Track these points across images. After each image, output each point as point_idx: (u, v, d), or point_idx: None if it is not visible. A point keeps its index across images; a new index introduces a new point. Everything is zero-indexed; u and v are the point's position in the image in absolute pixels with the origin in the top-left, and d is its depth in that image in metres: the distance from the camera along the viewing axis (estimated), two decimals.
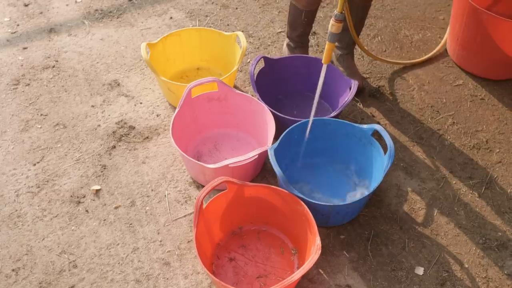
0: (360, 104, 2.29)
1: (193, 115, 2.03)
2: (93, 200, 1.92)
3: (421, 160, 2.07)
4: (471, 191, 1.95)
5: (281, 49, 2.58)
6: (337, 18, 1.69)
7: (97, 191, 1.95)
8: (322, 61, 1.80)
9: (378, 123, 2.21)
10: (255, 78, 2.06)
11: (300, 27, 2.24)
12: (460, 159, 2.08)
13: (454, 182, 1.99)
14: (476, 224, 1.85)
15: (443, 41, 2.48)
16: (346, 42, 2.28)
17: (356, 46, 2.45)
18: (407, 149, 2.11)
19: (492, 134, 2.18)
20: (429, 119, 2.24)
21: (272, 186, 1.69)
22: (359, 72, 2.34)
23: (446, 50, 2.60)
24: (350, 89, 2.01)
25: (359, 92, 2.31)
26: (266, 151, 1.76)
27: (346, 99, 1.98)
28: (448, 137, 2.17)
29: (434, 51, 2.38)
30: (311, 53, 2.56)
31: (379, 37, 2.69)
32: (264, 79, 2.13)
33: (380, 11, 2.88)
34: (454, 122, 2.23)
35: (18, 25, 2.77)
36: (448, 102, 2.33)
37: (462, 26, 2.36)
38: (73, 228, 1.83)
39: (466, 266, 1.72)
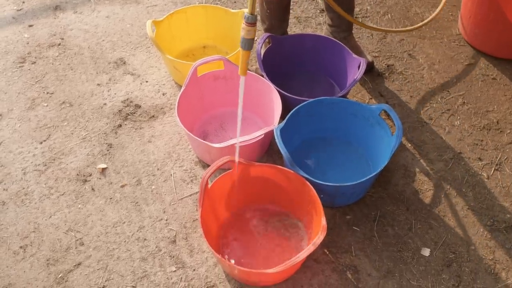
0: (369, 83, 2.26)
1: (199, 94, 2.02)
2: (99, 178, 1.92)
3: (430, 140, 2.04)
4: (480, 173, 1.93)
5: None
6: (248, 21, 1.39)
7: (103, 169, 1.95)
8: (239, 72, 1.49)
9: (387, 102, 2.18)
10: (262, 56, 2.03)
11: (267, 19, 2.16)
12: (469, 140, 2.04)
13: (463, 163, 1.96)
14: (484, 206, 1.83)
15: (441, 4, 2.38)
16: (346, 24, 2.19)
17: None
18: (415, 129, 2.08)
19: (503, 114, 2.14)
20: (439, 99, 2.21)
21: (278, 166, 1.67)
22: (364, 51, 2.29)
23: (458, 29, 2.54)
24: (359, 68, 1.98)
25: (368, 71, 2.27)
26: (272, 130, 1.75)
27: (355, 77, 1.95)
28: (458, 118, 2.13)
29: (432, 16, 2.31)
30: (320, 31, 2.52)
31: (389, 15, 2.63)
32: (271, 58, 2.10)
33: None
34: (464, 102, 2.20)
35: (23, 2, 2.75)
36: (459, 81, 2.29)
37: (474, 3, 2.30)
38: (79, 206, 1.84)
39: (473, 247, 1.71)
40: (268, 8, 2.08)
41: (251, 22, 1.40)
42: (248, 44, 1.44)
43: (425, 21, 2.32)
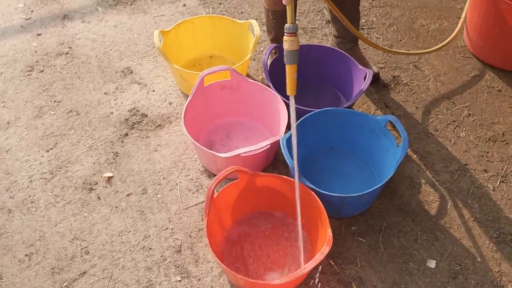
0: (374, 94, 2.26)
1: (205, 104, 2.03)
2: (105, 187, 1.93)
3: (435, 152, 2.04)
4: (486, 184, 1.93)
5: None
6: (289, 31, 1.39)
7: (109, 178, 1.95)
8: (287, 92, 1.43)
9: (393, 113, 2.18)
10: (268, 67, 2.04)
11: (272, 29, 2.19)
12: (475, 151, 2.04)
13: (468, 174, 1.96)
14: (490, 218, 1.82)
15: (457, 29, 2.41)
16: (352, 35, 2.19)
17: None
18: (421, 140, 2.08)
19: (509, 126, 2.14)
20: (444, 110, 2.21)
21: (284, 176, 1.68)
22: (370, 62, 2.30)
23: (463, 40, 2.55)
24: (364, 79, 1.98)
25: (374, 82, 2.28)
26: (278, 141, 1.75)
27: (361, 88, 1.95)
28: (464, 129, 2.13)
29: (448, 39, 2.33)
30: (326, 42, 2.53)
31: (394, 26, 2.65)
32: (277, 68, 2.11)
33: None
34: (469, 114, 2.20)
35: (32, 11, 2.78)
36: (464, 93, 2.29)
37: (480, 15, 2.31)
38: (85, 214, 1.84)
39: (479, 260, 1.70)
40: (274, 18, 2.10)
41: (291, 32, 1.37)
42: (291, 56, 1.38)
43: (440, 45, 2.32)
